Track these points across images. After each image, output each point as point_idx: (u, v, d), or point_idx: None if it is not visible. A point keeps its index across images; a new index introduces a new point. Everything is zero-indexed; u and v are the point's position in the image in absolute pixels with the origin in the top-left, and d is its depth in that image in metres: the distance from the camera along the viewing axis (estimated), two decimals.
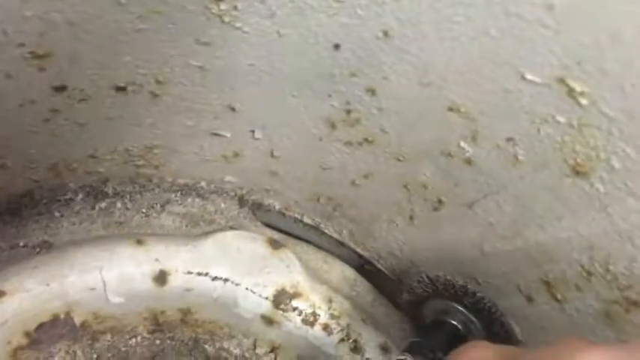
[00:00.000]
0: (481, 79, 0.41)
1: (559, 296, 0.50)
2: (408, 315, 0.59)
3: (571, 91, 0.37)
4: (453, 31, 0.38)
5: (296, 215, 0.66)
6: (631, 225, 0.42)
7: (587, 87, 0.37)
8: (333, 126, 0.52)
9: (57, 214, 0.60)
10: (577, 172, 0.41)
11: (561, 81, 0.37)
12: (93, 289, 0.56)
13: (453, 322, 0.57)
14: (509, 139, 0.43)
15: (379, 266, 0.65)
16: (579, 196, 0.42)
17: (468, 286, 0.56)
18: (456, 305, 0.57)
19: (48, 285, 0.54)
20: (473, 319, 0.56)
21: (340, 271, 0.65)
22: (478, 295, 0.56)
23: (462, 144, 0.46)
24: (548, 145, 0.41)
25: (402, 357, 0.52)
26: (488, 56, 0.39)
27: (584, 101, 0.37)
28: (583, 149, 0.40)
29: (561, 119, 0.39)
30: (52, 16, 0.40)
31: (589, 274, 0.46)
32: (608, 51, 0.34)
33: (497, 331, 0.56)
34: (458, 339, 0.56)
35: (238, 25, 0.43)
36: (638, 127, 0.37)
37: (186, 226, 0.63)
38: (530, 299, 0.53)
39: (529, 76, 0.38)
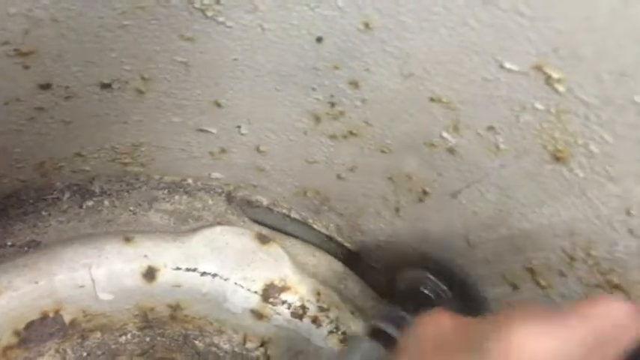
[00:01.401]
0: (461, 69, 0.41)
1: (543, 283, 0.51)
2: (395, 304, 0.59)
3: (548, 79, 0.38)
4: (432, 21, 0.39)
5: (284, 210, 0.66)
6: (610, 209, 0.42)
7: (563, 74, 0.37)
8: (317, 119, 0.52)
9: (44, 213, 0.60)
10: (557, 158, 0.42)
11: (539, 68, 0.38)
12: (82, 286, 0.56)
13: (426, 291, 0.57)
14: (489, 128, 0.44)
15: (366, 259, 0.66)
16: (559, 182, 0.43)
17: (454, 277, 0.57)
18: (428, 275, 0.58)
19: (37, 283, 0.54)
20: (444, 287, 0.57)
21: (328, 265, 0.66)
22: (465, 283, 0.57)
23: (445, 134, 0.47)
24: (528, 133, 0.42)
25: (375, 323, 0.53)
26: (467, 46, 0.39)
27: (561, 88, 0.38)
28: (562, 136, 0.41)
29: (540, 106, 0.40)
30: (36, 13, 0.40)
31: (572, 259, 0.47)
32: (583, 37, 0.35)
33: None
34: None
35: (221, 19, 0.43)
36: (614, 112, 0.38)
37: (174, 223, 0.63)
38: (515, 287, 0.54)
39: (507, 65, 0.39)
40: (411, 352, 0.35)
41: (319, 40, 0.44)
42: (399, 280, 0.61)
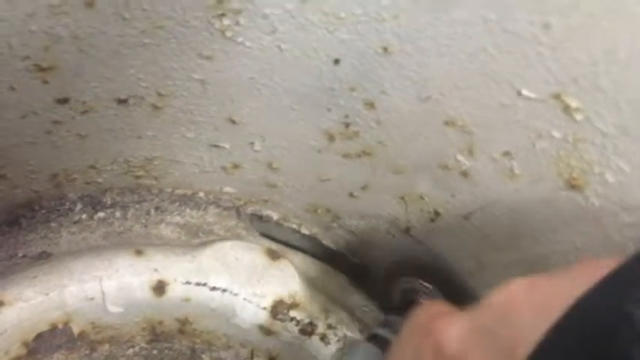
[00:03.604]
0: (478, 95, 0.41)
1: None
2: (393, 312, 0.59)
3: (566, 107, 0.38)
4: (451, 47, 0.39)
5: (294, 226, 0.66)
6: (624, 238, 0.42)
7: (582, 103, 0.38)
8: (331, 138, 0.52)
9: (56, 224, 0.60)
10: (572, 185, 0.42)
11: (557, 97, 0.38)
12: (92, 298, 0.56)
13: (423, 298, 0.57)
14: (505, 153, 0.44)
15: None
16: (574, 209, 0.43)
17: (463, 297, 0.57)
18: (424, 284, 0.58)
19: (47, 295, 0.54)
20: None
21: (337, 282, 0.66)
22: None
23: (459, 157, 0.47)
24: (544, 160, 0.42)
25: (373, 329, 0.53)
26: (486, 72, 0.40)
27: (579, 117, 0.38)
28: (578, 164, 0.41)
29: (556, 134, 0.40)
30: (58, 31, 0.41)
31: None
32: (603, 68, 0.35)
33: None
34: None
35: (240, 39, 0.43)
36: (632, 142, 0.38)
37: (185, 236, 0.63)
38: None
39: (525, 92, 0.39)
40: (406, 336, 0.34)
41: (336, 62, 0.44)
42: (397, 287, 0.60)
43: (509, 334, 0.27)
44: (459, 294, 0.57)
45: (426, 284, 0.58)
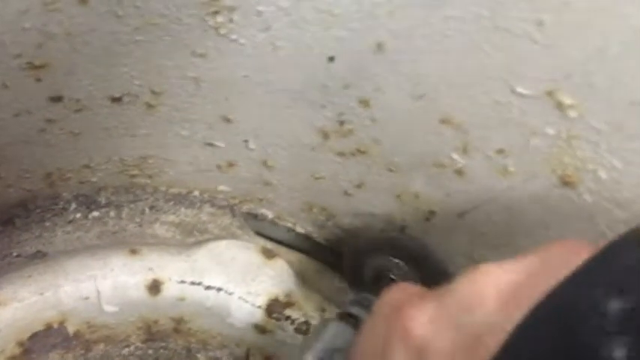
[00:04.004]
0: (473, 92, 0.41)
1: None
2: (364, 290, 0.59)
3: (560, 104, 0.38)
4: (445, 44, 0.39)
5: (289, 225, 0.66)
6: (617, 235, 0.42)
7: (575, 100, 0.38)
8: (326, 136, 0.52)
9: (50, 223, 0.60)
10: (565, 182, 0.42)
11: (550, 94, 0.38)
12: (87, 298, 0.56)
13: (394, 276, 0.57)
14: (499, 151, 0.44)
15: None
16: (567, 206, 0.43)
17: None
18: (396, 261, 0.57)
19: (42, 294, 0.54)
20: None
21: (332, 280, 0.66)
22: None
23: (454, 155, 0.47)
24: (538, 157, 0.42)
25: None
26: (480, 70, 0.40)
27: (572, 114, 0.38)
28: (571, 161, 0.41)
29: (550, 131, 0.40)
30: (51, 28, 0.41)
31: None
32: (596, 66, 0.35)
33: None
34: None
35: (234, 37, 0.43)
36: (625, 139, 0.38)
37: (180, 235, 0.63)
38: None
39: (519, 89, 0.39)
40: (376, 319, 0.34)
41: (331, 59, 0.44)
42: (370, 264, 0.60)
43: (475, 322, 0.27)
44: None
45: (398, 262, 0.57)
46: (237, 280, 0.60)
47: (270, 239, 0.66)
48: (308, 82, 0.47)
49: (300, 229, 0.66)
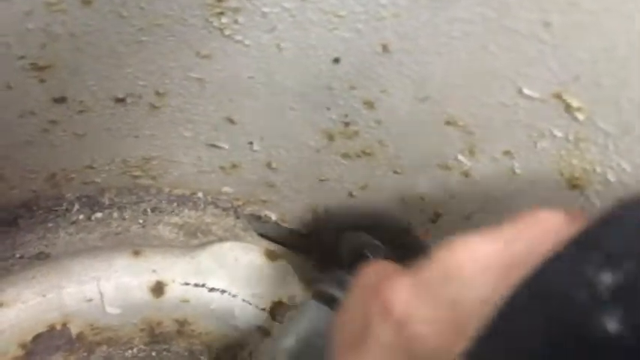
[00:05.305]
0: (479, 94, 0.41)
1: None
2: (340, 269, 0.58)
3: (568, 106, 0.38)
4: (451, 46, 0.39)
5: (292, 226, 0.66)
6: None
7: (583, 102, 0.37)
8: (331, 138, 0.52)
9: (54, 224, 0.60)
10: (573, 185, 0.42)
11: (558, 96, 0.38)
12: (90, 300, 0.56)
13: (369, 253, 0.57)
14: (506, 153, 0.44)
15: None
16: (575, 209, 0.43)
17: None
18: (371, 239, 0.57)
19: (45, 296, 0.54)
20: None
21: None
22: None
23: (460, 157, 0.47)
24: (545, 159, 0.42)
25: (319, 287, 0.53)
26: (486, 71, 0.39)
27: (580, 116, 0.38)
28: (579, 163, 0.40)
29: (558, 133, 0.40)
30: (55, 29, 0.40)
31: None
32: (604, 67, 0.35)
33: None
34: None
35: (239, 38, 0.43)
36: (633, 141, 0.37)
37: (183, 237, 0.63)
38: None
39: (526, 91, 0.39)
40: (354, 296, 0.34)
41: (336, 60, 0.44)
42: (347, 244, 0.60)
43: (454, 292, 0.27)
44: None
45: (376, 241, 0.57)
46: (240, 282, 0.60)
47: (274, 241, 0.66)
48: (313, 83, 0.46)
49: (304, 231, 0.66)
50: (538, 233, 0.27)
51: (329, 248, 0.63)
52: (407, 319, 0.28)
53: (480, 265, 0.27)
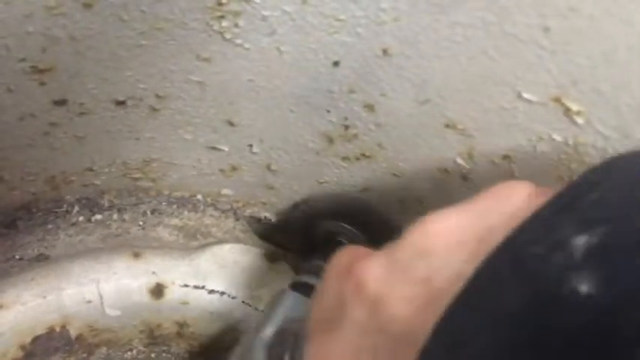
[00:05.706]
0: (478, 97, 0.41)
1: None
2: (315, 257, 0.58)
3: (567, 110, 0.38)
4: (451, 50, 0.39)
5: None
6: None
7: (582, 106, 0.37)
8: (330, 141, 0.52)
9: (53, 226, 0.60)
10: None
11: (557, 100, 0.38)
12: (89, 301, 0.56)
13: (344, 240, 0.57)
14: (505, 156, 0.44)
15: None
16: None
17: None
18: (346, 226, 0.57)
19: (44, 298, 0.54)
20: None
21: None
22: None
23: (459, 160, 0.47)
24: (544, 163, 0.42)
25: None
26: (486, 75, 0.39)
27: (579, 120, 0.38)
28: (579, 167, 0.40)
29: (557, 137, 0.40)
30: (55, 32, 0.41)
31: None
32: (603, 71, 0.35)
33: None
34: None
35: (239, 41, 0.43)
36: (633, 145, 0.38)
37: (183, 238, 0.63)
38: None
39: (526, 95, 0.39)
40: (328, 279, 0.34)
41: (336, 64, 0.44)
42: (319, 231, 0.60)
43: (428, 267, 0.27)
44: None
45: (347, 227, 0.57)
46: (240, 284, 0.60)
47: (274, 243, 0.66)
48: (313, 86, 0.47)
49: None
50: (512, 204, 0.27)
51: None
52: (381, 297, 0.28)
53: (455, 240, 0.27)
